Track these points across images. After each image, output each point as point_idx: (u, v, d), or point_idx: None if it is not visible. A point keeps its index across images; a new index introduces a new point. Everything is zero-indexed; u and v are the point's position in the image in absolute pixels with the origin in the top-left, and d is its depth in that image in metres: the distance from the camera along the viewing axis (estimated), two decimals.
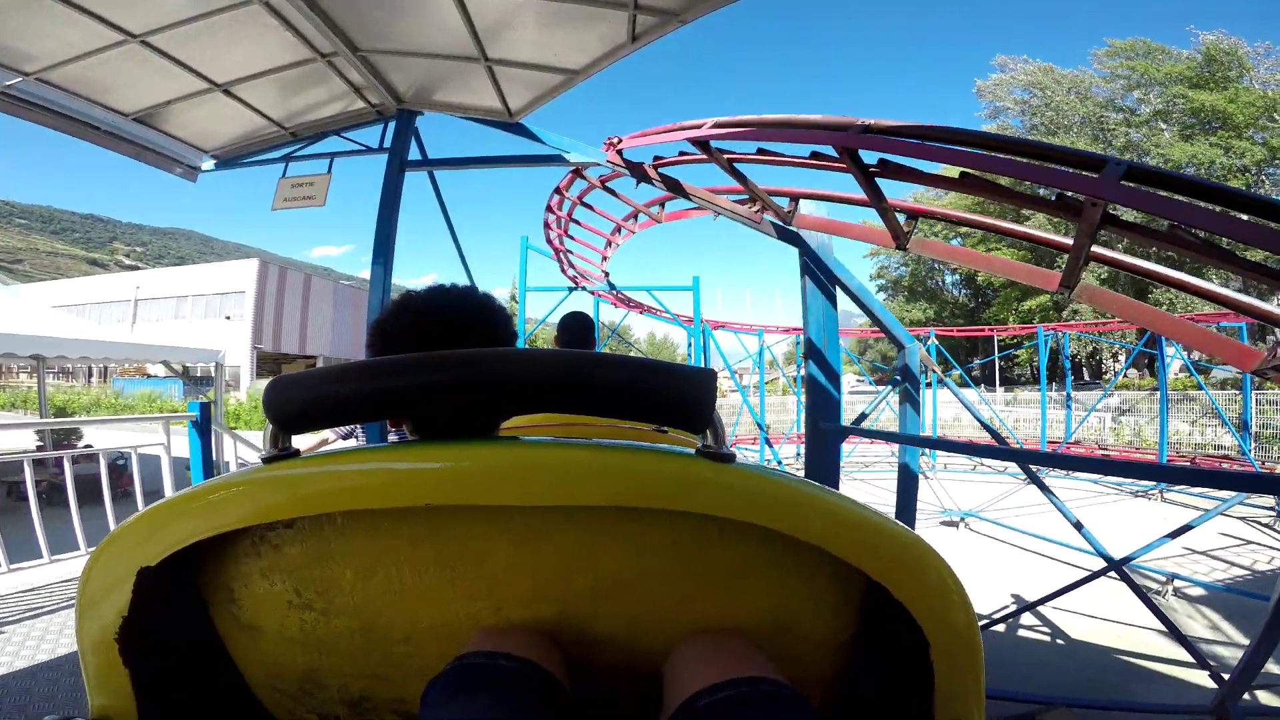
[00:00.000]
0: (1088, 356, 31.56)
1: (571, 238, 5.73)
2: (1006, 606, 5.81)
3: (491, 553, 0.63)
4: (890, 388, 3.09)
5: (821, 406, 3.18)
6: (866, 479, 11.09)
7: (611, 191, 4.10)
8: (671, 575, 0.63)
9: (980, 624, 0.76)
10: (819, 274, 3.03)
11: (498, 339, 0.80)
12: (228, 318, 31.26)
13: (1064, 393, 11.75)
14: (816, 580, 0.64)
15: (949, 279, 40.59)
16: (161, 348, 9.76)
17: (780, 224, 2.98)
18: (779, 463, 9.30)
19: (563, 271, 6.98)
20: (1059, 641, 5.10)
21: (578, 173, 4.11)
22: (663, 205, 4.31)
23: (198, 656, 0.69)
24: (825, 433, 3.12)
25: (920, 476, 11.46)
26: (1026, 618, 5.68)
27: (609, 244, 5.48)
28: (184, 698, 0.67)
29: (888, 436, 3.19)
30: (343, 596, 0.64)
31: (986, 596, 5.90)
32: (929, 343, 10.93)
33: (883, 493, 10.01)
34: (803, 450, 12.75)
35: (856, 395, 18.71)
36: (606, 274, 6.69)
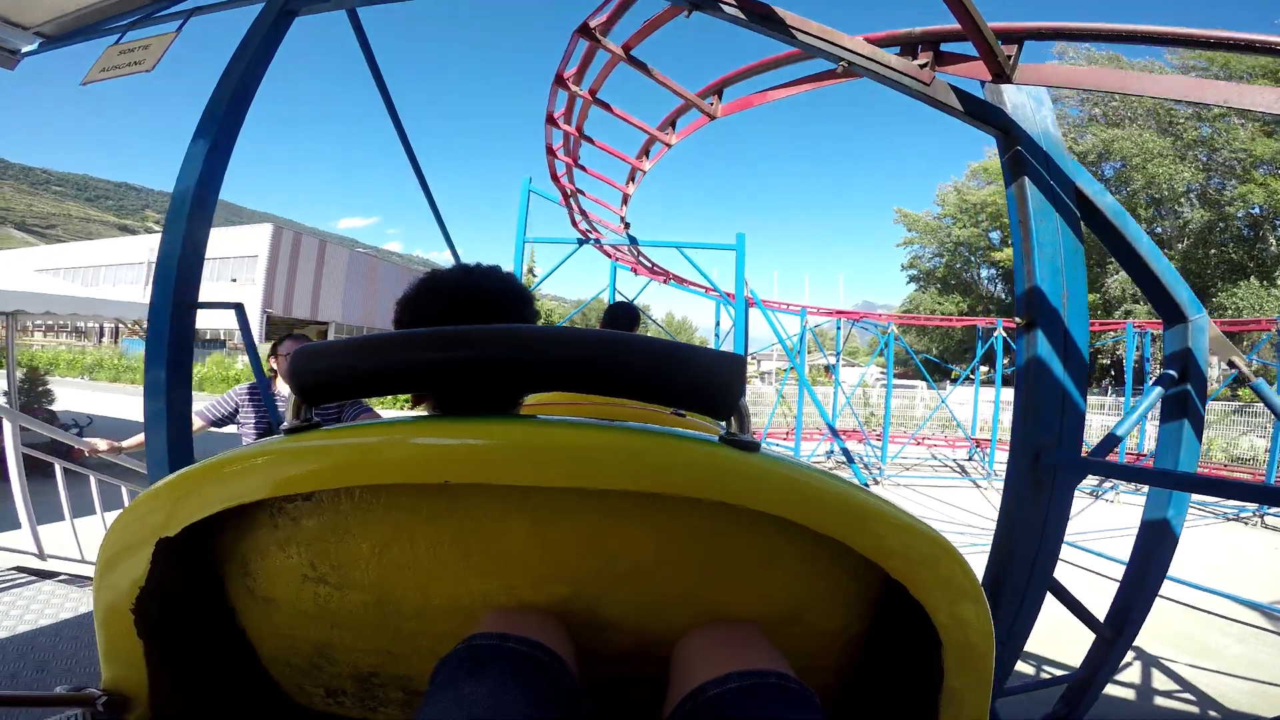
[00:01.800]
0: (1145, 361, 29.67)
1: (582, 168, 4.32)
2: (1127, 664, 4.52)
3: (507, 532, 0.62)
4: (1156, 390, 1.71)
5: (1050, 420, 1.59)
6: (913, 484, 9.72)
7: (640, 66, 2.80)
8: (686, 562, 0.62)
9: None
10: (1049, 180, 1.64)
11: (523, 319, 0.80)
12: (233, 280, 30.66)
13: (1128, 396, 10.22)
14: (832, 573, 0.63)
15: (984, 272, 38.89)
16: (120, 303, 8.74)
17: (968, 92, 1.66)
18: (857, 474, 7.97)
19: (571, 221, 5.58)
20: (1213, 713, 3.81)
21: (590, 40, 2.78)
22: (719, 93, 2.92)
23: (211, 629, 0.69)
24: (1051, 468, 1.60)
25: (974, 485, 10.20)
26: (1159, 679, 4.38)
27: (632, 176, 4.12)
28: (196, 670, 0.67)
29: (1157, 478, 1.71)
30: (357, 571, 0.63)
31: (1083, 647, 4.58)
32: (995, 334, 9.58)
33: (931, 501, 8.65)
34: (835, 450, 11.48)
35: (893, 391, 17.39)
36: (626, 224, 5.30)
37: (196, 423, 2.75)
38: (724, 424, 0.56)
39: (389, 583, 0.63)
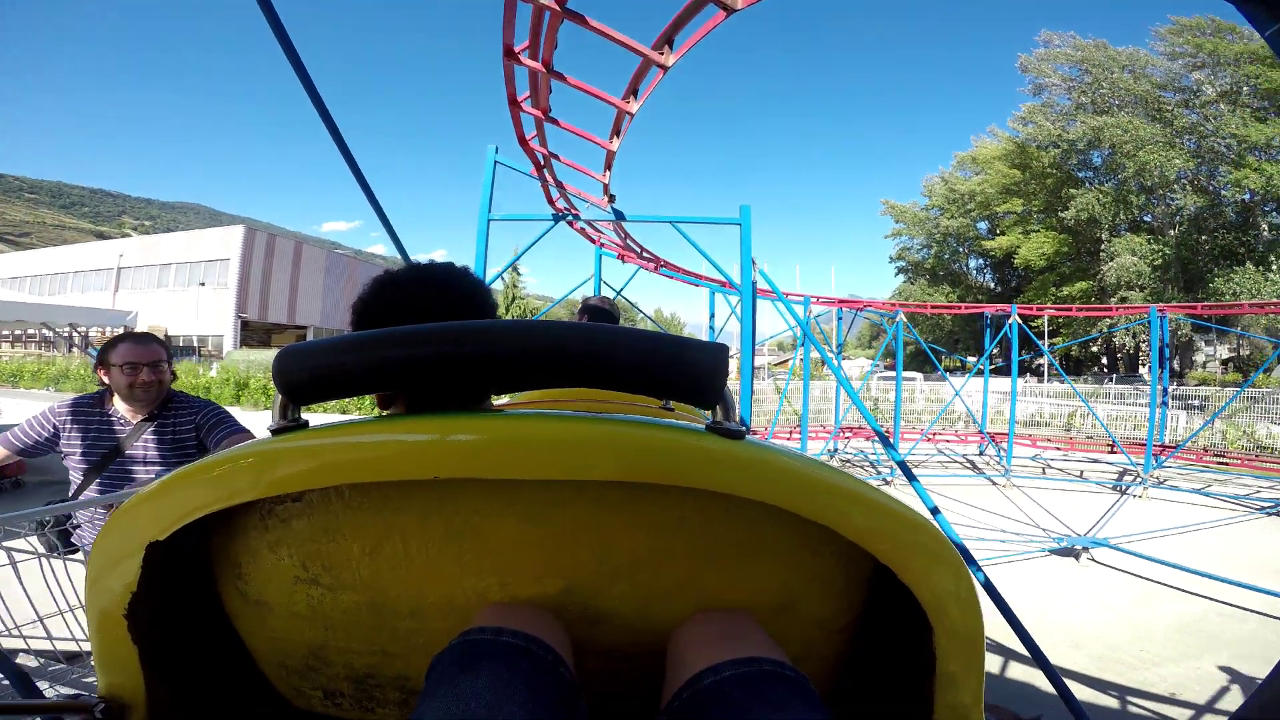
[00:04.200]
0: (1138, 347, 29.39)
1: (554, 121, 3.44)
2: (1224, 688, 3.84)
3: (499, 528, 0.62)
4: None
5: None
6: (927, 484, 9.05)
7: None
8: (678, 553, 0.62)
9: None
10: None
11: (481, 316, 0.79)
12: (202, 284, 29.53)
13: (1155, 385, 9.60)
14: (822, 561, 0.63)
15: (973, 263, 38.63)
16: (58, 308, 7.96)
17: None
18: (921, 494, 7.50)
19: (546, 197, 4.67)
20: None
21: None
22: None
23: (205, 633, 0.69)
24: None
25: (990, 483, 9.58)
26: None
27: (618, 127, 3.24)
28: (191, 675, 0.67)
29: None
30: (350, 571, 0.63)
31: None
32: (1010, 320, 8.96)
33: (949, 502, 7.99)
34: (840, 446, 10.82)
35: (908, 385, 16.80)
36: (611, 196, 4.28)
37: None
38: (709, 413, 0.56)
39: (382, 582, 0.63)
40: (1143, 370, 29.83)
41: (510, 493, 0.60)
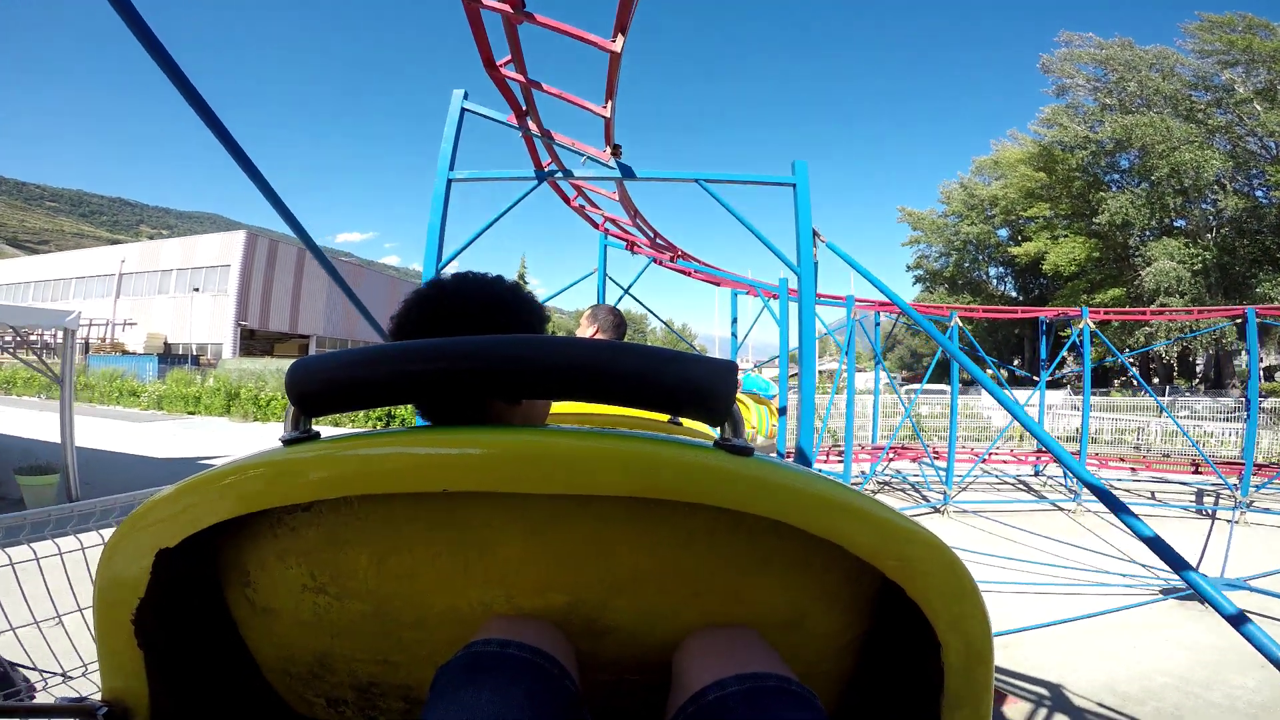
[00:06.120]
0: (1178, 356, 27.89)
1: (529, 17, 2.22)
2: None
3: (506, 541, 0.62)
4: None
5: None
6: (982, 510, 7.82)
7: None
8: (684, 568, 0.62)
9: None
10: None
11: (527, 328, 0.79)
12: (196, 290, 28.75)
13: (1254, 397, 8.29)
14: (829, 577, 0.63)
15: (993, 271, 37.33)
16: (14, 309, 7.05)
17: None
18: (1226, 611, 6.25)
19: (530, 150, 3.38)
20: None
21: None
22: None
23: (212, 639, 0.69)
24: None
25: (1056, 508, 8.36)
26: None
27: (623, 20, 2.09)
28: (197, 680, 0.67)
29: None
30: (356, 581, 0.63)
31: None
32: (1082, 324, 7.79)
33: (1014, 532, 6.76)
34: (879, 469, 9.64)
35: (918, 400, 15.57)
36: (616, 147, 3.10)
37: None
38: (720, 430, 0.56)
39: (388, 592, 0.63)
40: (1179, 382, 28.30)
41: (517, 506, 0.59)
